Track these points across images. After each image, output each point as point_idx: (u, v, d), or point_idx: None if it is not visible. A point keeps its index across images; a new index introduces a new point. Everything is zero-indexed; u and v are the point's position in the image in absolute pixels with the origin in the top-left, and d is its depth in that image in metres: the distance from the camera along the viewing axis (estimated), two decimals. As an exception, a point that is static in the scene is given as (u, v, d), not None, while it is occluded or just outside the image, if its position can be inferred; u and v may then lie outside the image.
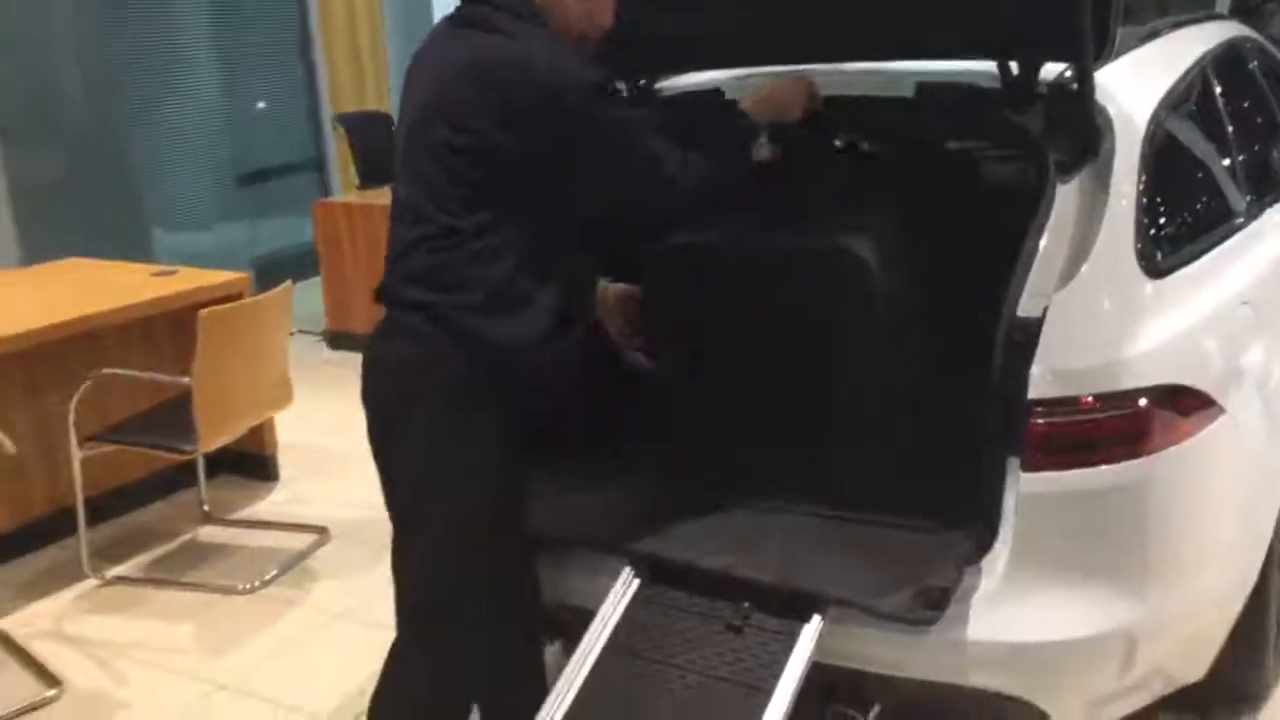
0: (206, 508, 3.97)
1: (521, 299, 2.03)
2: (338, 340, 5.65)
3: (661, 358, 2.55)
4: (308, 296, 3.93)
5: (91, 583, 3.50)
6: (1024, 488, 1.95)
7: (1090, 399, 1.92)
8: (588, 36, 2.13)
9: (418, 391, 2.05)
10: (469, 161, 2.00)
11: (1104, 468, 1.93)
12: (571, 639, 2.20)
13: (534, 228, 2.03)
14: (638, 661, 2.09)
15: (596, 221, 2.20)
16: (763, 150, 2.22)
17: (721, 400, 2.41)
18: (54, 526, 3.67)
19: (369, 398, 2.12)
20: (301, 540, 3.69)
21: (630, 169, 2.11)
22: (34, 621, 3.31)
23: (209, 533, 3.87)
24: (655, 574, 2.21)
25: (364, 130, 6.00)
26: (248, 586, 3.44)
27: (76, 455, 3.38)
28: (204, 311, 3.25)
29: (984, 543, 1.98)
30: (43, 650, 3.14)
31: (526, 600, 2.30)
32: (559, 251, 2.10)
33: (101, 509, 3.74)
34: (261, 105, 7.05)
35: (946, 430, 2.22)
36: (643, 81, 2.75)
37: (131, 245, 5.80)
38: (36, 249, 5.02)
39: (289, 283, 3.60)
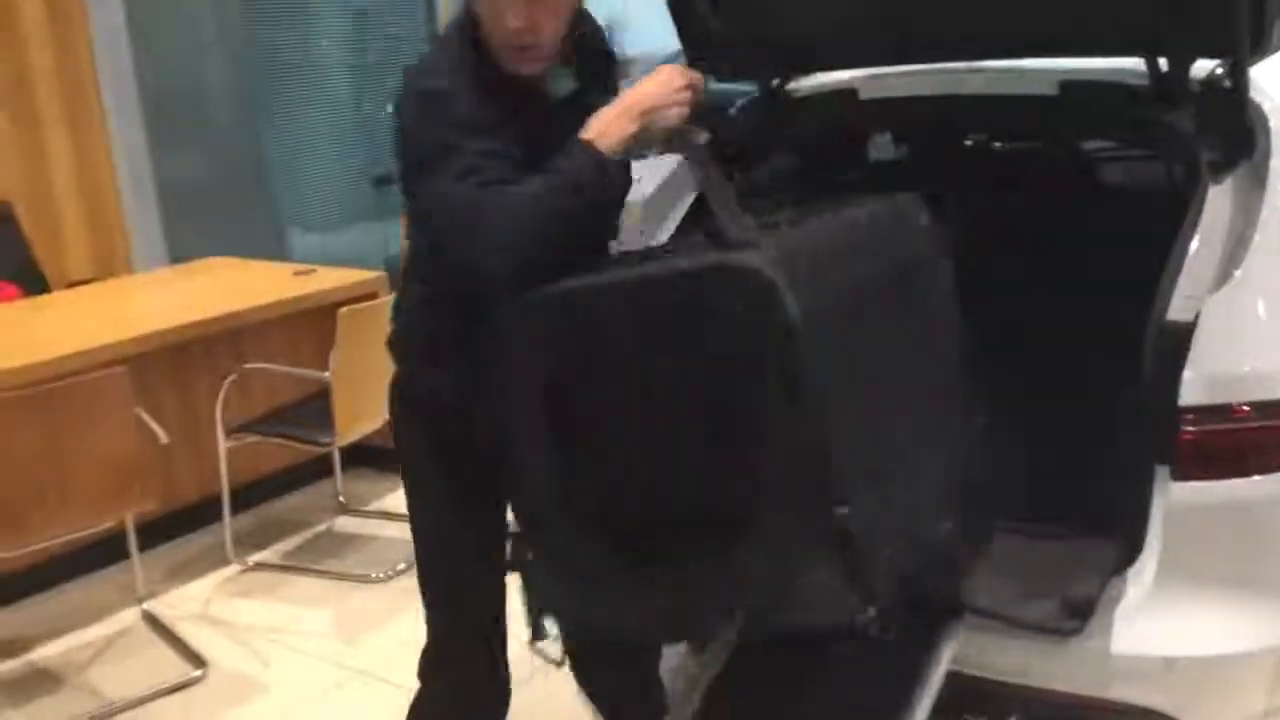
0: (342, 499, 4.10)
1: (433, 343, 1.91)
2: (462, 338, 5.74)
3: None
4: (435, 295, 4.00)
5: (235, 568, 3.65)
6: (1173, 497, 1.89)
7: (1245, 407, 1.86)
8: (501, 43, 1.76)
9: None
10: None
11: (1257, 478, 1.87)
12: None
13: (438, 268, 1.85)
14: (771, 667, 2.10)
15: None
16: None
17: None
18: (199, 514, 3.83)
19: None
20: (431, 533, 3.78)
21: (419, 203, 1.76)
22: (181, 604, 3.46)
23: (343, 523, 4.00)
24: None
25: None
26: (381, 576, 3.54)
27: (223, 446, 3.53)
28: (344, 309, 3.35)
29: (1130, 552, 1.94)
30: (189, 632, 3.28)
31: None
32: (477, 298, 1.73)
33: (242, 498, 3.89)
34: (390, 109, 7.20)
35: (1081, 435, 2.17)
36: (775, 82, 2.74)
37: (268, 244, 6.00)
38: (180, 247, 5.21)
39: (422, 282, 3.68)
